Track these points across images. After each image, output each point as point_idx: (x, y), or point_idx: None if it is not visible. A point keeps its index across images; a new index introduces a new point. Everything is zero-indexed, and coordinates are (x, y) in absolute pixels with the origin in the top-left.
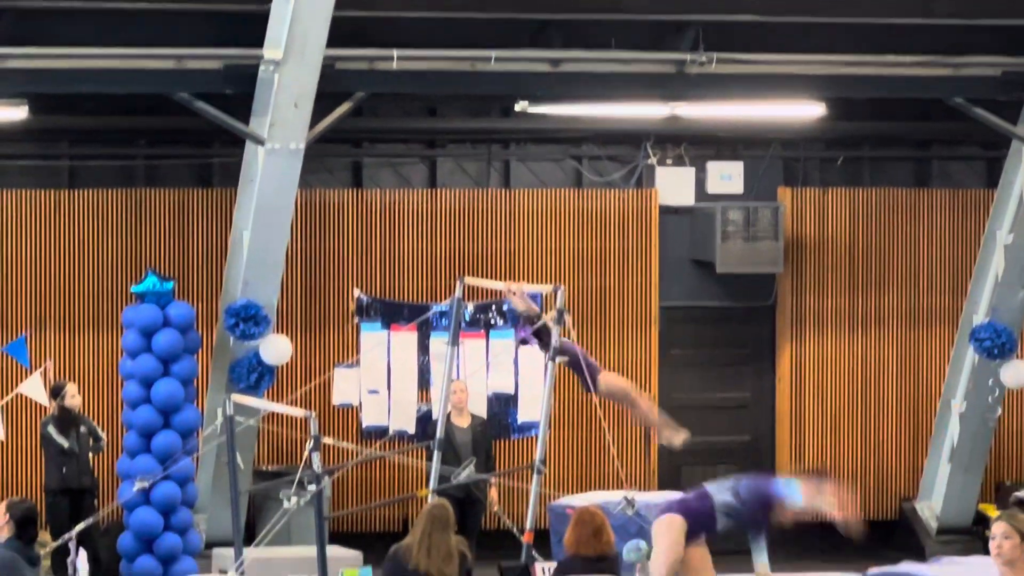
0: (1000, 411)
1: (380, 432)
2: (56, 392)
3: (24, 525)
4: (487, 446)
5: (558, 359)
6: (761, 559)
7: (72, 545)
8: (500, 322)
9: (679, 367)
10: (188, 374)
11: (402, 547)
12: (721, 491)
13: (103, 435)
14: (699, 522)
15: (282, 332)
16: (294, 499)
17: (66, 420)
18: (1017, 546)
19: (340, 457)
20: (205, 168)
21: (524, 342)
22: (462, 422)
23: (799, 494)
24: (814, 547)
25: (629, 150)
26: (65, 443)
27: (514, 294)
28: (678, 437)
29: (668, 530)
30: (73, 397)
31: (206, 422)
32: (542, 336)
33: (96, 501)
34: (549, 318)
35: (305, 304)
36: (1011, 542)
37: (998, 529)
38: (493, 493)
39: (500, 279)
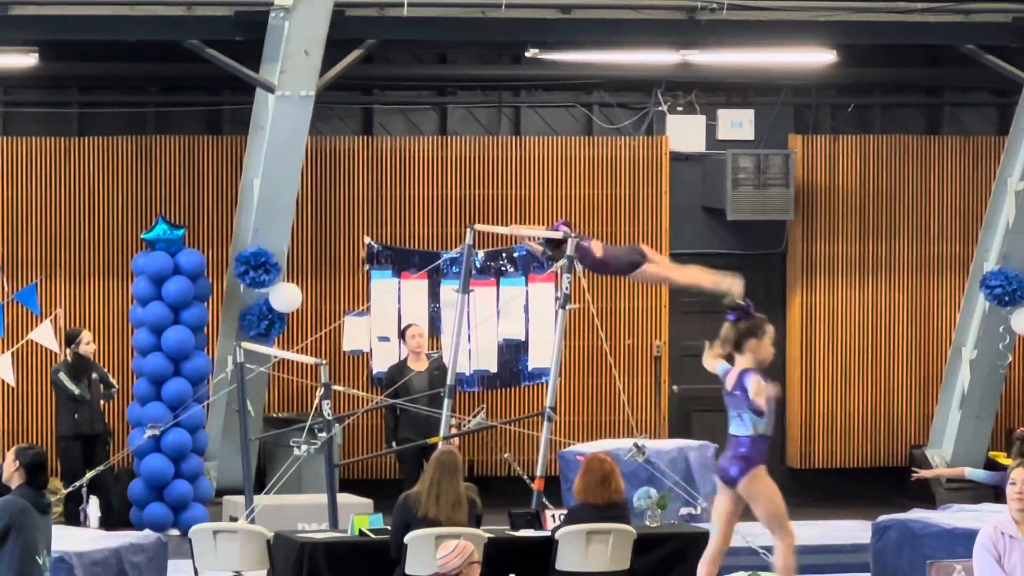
0: (1010, 358)
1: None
2: (71, 339)
3: (34, 472)
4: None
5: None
6: None
7: (84, 492)
8: (511, 269)
9: (690, 314)
10: (198, 321)
11: (411, 494)
12: (738, 425)
13: (115, 383)
14: (764, 459)
15: (292, 280)
16: (304, 446)
17: (79, 367)
18: None
19: (350, 404)
20: (215, 115)
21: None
22: (419, 366)
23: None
24: (825, 494)
25: (640, 97)
26: (76, 390)
27: (526, 240)
28: (736, 284)
29: (763, 480)
30: (88, 344)
31: (216, 369)
32: (556, 254)
33: (108, 448)
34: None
35: (315, 251)
36: None
37: (1020, 475)
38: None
39: (510, 226)
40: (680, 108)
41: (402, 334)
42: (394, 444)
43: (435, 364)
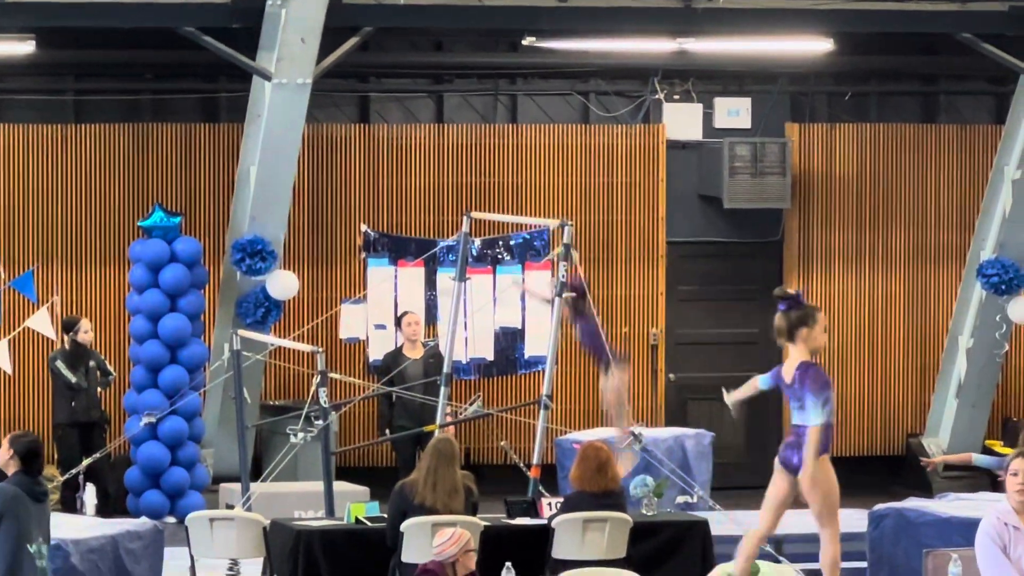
0: (1007, 347)
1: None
2: (69, 327)
3: (29, 459)
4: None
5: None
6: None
7: (80, 479)
8: (507, 257)
9: (686, 303)
10: (195, 309)
11: (408, 482)
12: (800, 415)
13: (112, 370)
14: (827, 448)
15: (289, 267)
16: (301, 434)
17: (76, 355)
18: None
19: (347, 392)
20: (212, 103)
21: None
22: (414, 354)
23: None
24: None
25: (636, 85)
26: (73, 378)
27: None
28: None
29: (824, 470)
30: (86, 333)
31: (213, 357)
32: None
33: (105, 435)
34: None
35: (312, 239)
36: None
37: (1019, 465)
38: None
39: (507, 214)
40: (677, 96)
41: (398, 322)
42: (387, 432)
43: (430, 352)
